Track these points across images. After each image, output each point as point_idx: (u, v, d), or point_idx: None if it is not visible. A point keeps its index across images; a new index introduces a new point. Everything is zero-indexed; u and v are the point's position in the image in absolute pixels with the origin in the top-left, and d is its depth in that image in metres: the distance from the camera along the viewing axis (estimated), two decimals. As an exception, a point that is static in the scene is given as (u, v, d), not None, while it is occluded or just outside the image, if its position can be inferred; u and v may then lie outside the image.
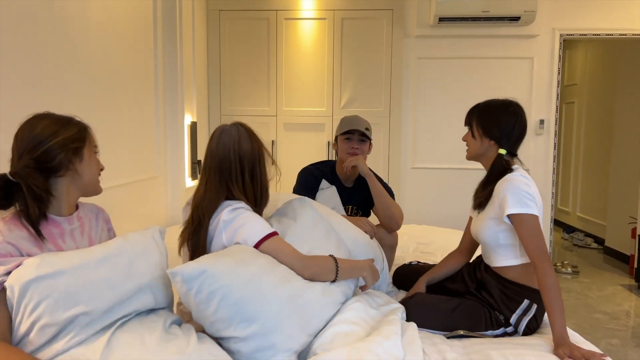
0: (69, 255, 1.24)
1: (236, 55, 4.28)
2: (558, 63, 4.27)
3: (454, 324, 1.77)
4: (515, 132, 1.83)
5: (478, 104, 1.93)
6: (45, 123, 1.32)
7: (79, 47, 2.20)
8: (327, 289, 1.56)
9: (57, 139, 1.31)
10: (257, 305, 1.34)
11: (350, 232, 2.04)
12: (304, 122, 4.29)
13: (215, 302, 1.31)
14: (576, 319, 3.41)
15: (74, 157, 1.35)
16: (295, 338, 1.40)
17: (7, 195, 1.24)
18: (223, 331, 1.34)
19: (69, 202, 1.38)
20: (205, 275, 1.31)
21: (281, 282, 1.42)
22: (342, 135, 2.41)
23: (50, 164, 1.30)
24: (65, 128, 1.35)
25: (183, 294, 1.32)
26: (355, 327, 1.50)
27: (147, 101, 3.01)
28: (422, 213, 4.41)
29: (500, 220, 1.74)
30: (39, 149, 1.28)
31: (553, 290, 1.57)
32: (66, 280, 1.19)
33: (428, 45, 4.33)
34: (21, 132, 1.32)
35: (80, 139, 1.37)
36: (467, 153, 1.96)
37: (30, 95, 1.87)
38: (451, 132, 4.36)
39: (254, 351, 1.34)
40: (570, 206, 6.27)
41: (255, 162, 1.61)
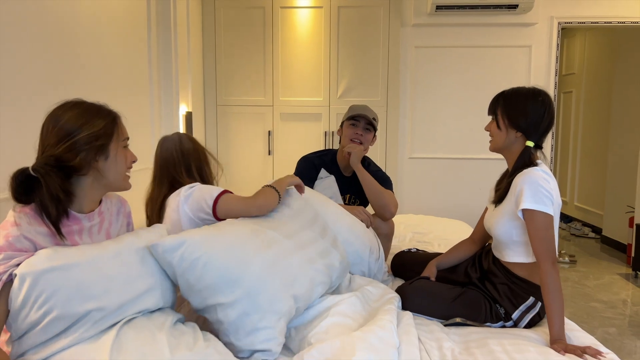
0: (82, 248, 1.23)
1: (232, 45, 4.24)
2: (556, 51, 4.24)
3: (453, 312, 1.75)
4: (544, 123, 1.73)
5: (503, 92, 1.81)
6: (71, 115, 1.26)
7: (70, 37, 2.17)
8: (310, 257, 1.61)
9: (80, 134, 1.24)
10: (239, 269, 1.38)
11: (346, 221, 2.03)
12: (300, 112, 4.26)
13: (198, 270, 1.34)
14: (573, 308, 3.41)
15: (98, 155, 1.28)
16: (280, 300, 1.41)
17: (28, 190, 1.20)
18: (209, 299, 1.35)
19: (91, 199, 1.34)
20: (185, 245, 1.34)
21: (262, 248, 1.47)
22: (348, 121, 2.40)
23: (72, 163, 1.23)
24: (91, 122, 1.27)
25: (166, 265, 1.35)
26: (349, 320, 1.50)
27: (142, 91, 2.98)
28: (420, 203, 4.40)
29: (515, 215, 1.68)
30: (61, 145, 1.23)
31: (554, 292, 1.55)
32: (80, 273, 1.17)
33: (425, 34, 4.30)
34: (47, 123, 1.26)
35: (106, 135, 1.29)
36: (490, 144, 1.85)
37: (19, 86, 1.85)
38: (448, 122, 4.34)
39: (241, 315, 1.35)
40: (568, 196, 6.26)
41: (200, 159, 1.81)
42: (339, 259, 1.77)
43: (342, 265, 1.79)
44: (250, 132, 4.29)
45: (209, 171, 1.85)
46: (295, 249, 1.58)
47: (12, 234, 1.18)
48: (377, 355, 1.26)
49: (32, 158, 1.26)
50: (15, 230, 1.19)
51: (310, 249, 1.65)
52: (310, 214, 1.83)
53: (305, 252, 1.61)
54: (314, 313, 1.54)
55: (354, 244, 2.00)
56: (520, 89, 1.78)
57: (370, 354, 1.25)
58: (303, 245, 1.63)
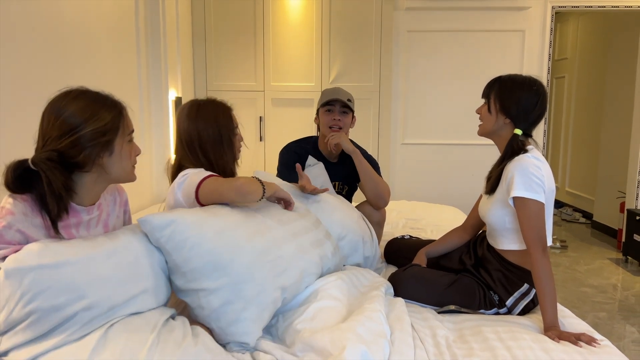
0: (74, 244, 1.16)
1: (222, 29, 4.16)
2: (550, 36, 4.21)
3: (447, 299, 1.74)
4: (535, 113, 1.71)
5: (500, 77, 1.79)
6: (75, 107, 1.18)
7: (55, 20, 2.10)
8: (303, 247, 1.56)
9: (86, 129, 1.17)
10: (228, 255, 1.34)
11: (337, 214, 2.00)
12: (292, 97, 4.21)
13: (185, 251, 1.30)
14: (564, 292, 3.43)
15: (102, 151, 1.21)
16: (266, 291, 1.38)
17: (25, 182, 1.14)
18: (193, 282, 1.32)
19: (93, 193, 1.28)
20: (174, 224, 1.30)
21: (254, 235, 1.43)
22: (323, 107, 2.32)
23: (75, 160, 1.17)
24: (97, 116, 1.19)
25: (154, 241, 1.31)
26: (337, 303, 1.48)
27: (130, 76, 2.91)
28: (412, 189, 4.39)
29: (507, 202, 1.67)
30: (64, 140, 1.15)
31: (545, 279, 1.54)
32: (71, 272, 1.11)
33: (418, 18, 4.25)
34: (49, 113, 1.18)
35: (112, 130, 1.22)
36: (479, 128, 1.83)
37: (8, 82, 1.79)
38: (441, 107, 4.31)
39: (224, 303, 1.31)
40: (560, 181, 6.29)
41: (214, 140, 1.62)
42: (332, 250, 1.75)
43: (335, 258, 1.76)
44: (242, 117, 4.17)
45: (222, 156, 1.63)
46: (288, 237, 1.54)
47: (6, 223, 1.13)
48: (367, 347, 1.23)
49: (20, 153, 1.20)
50: (7, 220, 1.13)
51: (304, 237, 1.62)
52: (303, 207, 1.81)
53: (299, 241, 1.57)
54: (301, 298, 1.52)
55: (347, 237, 1.98)
56: (517, 76, 1.76)
57: (361, 346, 1.22)
58: (296, 234, 1.59)
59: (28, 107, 1.93)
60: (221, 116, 1.64)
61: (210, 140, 1.60)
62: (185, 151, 1.62)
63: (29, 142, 1.23)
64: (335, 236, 1.96)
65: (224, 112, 1.66)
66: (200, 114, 1.62)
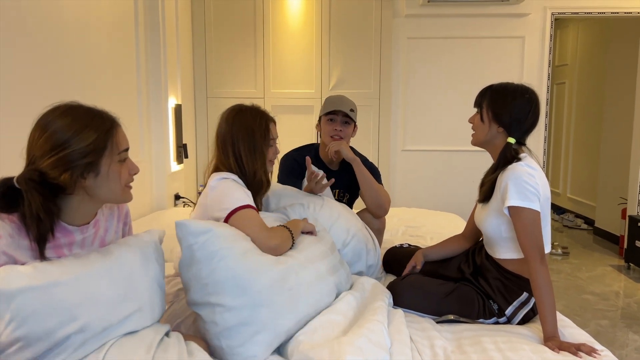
0: (65, 263, 1.11)
1: (222, 36, 4.17)
2: (549, 42, 4.22)
3: (446, 309, 1.73)
4: (528, 122, 1.70)
5: (492, 85, 1.78)
6: (61, 124, 1.11)
7: (54, 26, 2.10)
8: (321, 276, 1.55)
9: (67, 149, 1.09)
10: (251, 276, 1.34)
11: (342, 222, 2.00)
12: (292, 104, 4.21)
13: (214, 263, 1.31)
14: (566, 300, 3.41)
15: (85, 172, 1.12)
16: (282, 318, 1.37)
17: (10, 201, 1.08)
18: (213, 296, 1.32)
19: (83, 213, 1.21)
20: (211, 233, 1.33)
21: (277, 261, 1.44)
22: (325, 116, 2.31)
23: (56, 181, 1.09)
24: (81, 135, 1.11)
25: (187, 246, 1.32)
26: (341, 318, 1.47)
27: (129, 83, 2.91)
28: (412, 196, 4.38)
29: (502, 212, 1.66)
30: (46, 159, 1.09)
31: (544, 289, 1.53)
32: (61, 293, 1.05)
33: (418, 25, 4.25)
34: (35, 129, 1.12)
35: (97, 150, 1.13)
36: (472, 138, 1.82)
37: (5, 83, 1.79)
38: (442, 114, 4.31)
39: (239, 324, 1.31)
40: (561, 187, 6.27)
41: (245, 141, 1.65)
42: (345, 277, 1.73)
43: (347, 283, 1.75)
44: (241, 124, 4.22)
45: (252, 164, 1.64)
46: (306, 263, 1.53)
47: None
48: (366, 359, 1.22)
49: (12, 162, 1.19)
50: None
51: (320, 264, 1.60)
52: (322, 227, 1.82)
53: (315, 267, 1.56)
54: None
55: (351, 244, 1.98)
56: (508, 84, 1.75)
57: (359, 358, 1.21)
58: (313, 260, 1.58)
59: (22, 116, 1.93)
60: (257, 125, 1.66)
61: (242, 146, 1.63)
62: (219, 153, 1.67)
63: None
64: (339, 242, 1.96)
65: (260, 122, 1.68)
66: (237, 119, 1.66)
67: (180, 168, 3.60)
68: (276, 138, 1.74)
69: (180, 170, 3.60)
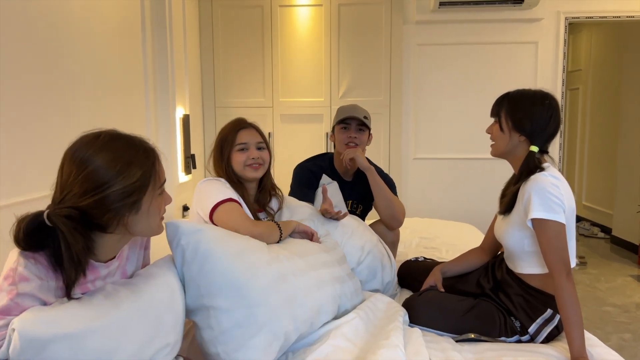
0: (95, 304, 1.04)
1: (230, 45, 4.13)
2: (563, 47, 4.13)
3: (466, 326, 1.64)
4: (550, 129, 1.63)
5: (508, 93, 1.71)
6: (102, 160, 1.02)
7: (61, 39, 2.07)
8: (323, 283, 1.50)
9: (111, 189, 1.01)
10: (246, 275, 1.29)
11: (357, 236, 1.94)
12: (301, 113, 4.15)
13: (205, 263, 1.27)
14: (585, 312, 3.29)
15: (128, 211, 1.06)
16: (280, 319, 1.31)
17: (38, 238, 0.99)
18: (206, 297, 1.26)
19: (113, 249, 1.15)
20: (201, 233, 1.30)
21: (272, 261, 1.39)
22: (339, 125, 2.26)
23: (97, 221, 1.03)
24: (126, 172, 1.03)
25: (177, 247, 1.29)
26: (350, 345, 1.39)
27: (137, 94, 2.87)
28: (426, 206, 4.29)
29: (525, 224, 1.58)
30: (87, 198, 1.00)
31: (570, 306, 1.44)
32: (94, 340, 0.99)
33: (429, 31, 4.19)
34: (71, 161, 1.03)
35: (141, 188, 1.06)
36: (492, 149, 1.75)
37: (11, 89, 1.75)
38: (454, 121, 4.23)
39: (234, 326, 1.25)
40: (576, 195, 6.14)
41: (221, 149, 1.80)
42: (353, 291, 1.67)
43: (355, 299, 1.67)
44: (250, 134, 4.18)
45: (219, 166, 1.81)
46: (307, 269, 1.48)
47: (21, 291, 0.97)
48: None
49: (20, 165, 1.12)
50: (23, 288, 0.98)
51: (323, 271, 1.54)
52: (333, 241, 1.77)
53: (318, 274, 1.50)
54: (315, 337, 1.43)
55: (365, 261, 1.91)
56: (526, 91, 1.68)
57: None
58: (316, 266, 1.52)
59: (28, 123, 1.89)
60: (225, 133, 1.82)
61: (214, 153, 1.84)
62: None
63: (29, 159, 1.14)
64: (354, 260, 1.89)
65: (230, 130, 1.81)
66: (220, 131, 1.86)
67: (189, 179, 3.55)
68: (248, 143, 1.77)
69: (188, 181, 3.55)
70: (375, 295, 1.74)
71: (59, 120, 2.06)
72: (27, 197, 1.80)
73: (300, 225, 1.69)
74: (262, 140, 1.80)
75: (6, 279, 0.98)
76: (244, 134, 1.77)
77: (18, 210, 1.05)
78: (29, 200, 1.79)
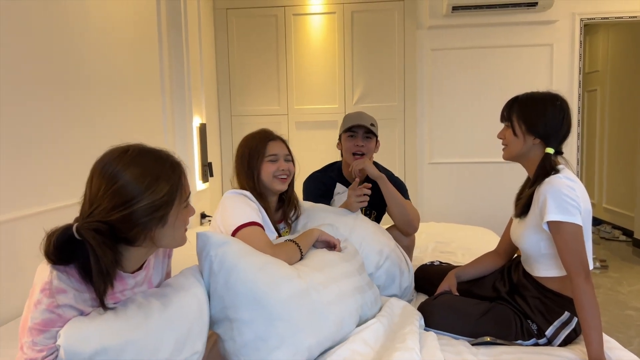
0: (130, 315, 1.08)
1: (245, 54, 4.19)
2: (579, 49, 4.09)
3: (481, 330, 1.63)
4: (563, 130, 1.63)
5: (517, 97, 1.71)
6: (131, 175, 1.05)
7: (80, 50, 2.13)
8: (344, 295, 1.49)
9: (139, 204, 1.04)
10: (267, 288, 1.30)
11: (374, 244, 1.94)
12: (315, 119, 4.19)
13: (230, 274, 1.29)
14: (607, 316, 3.24)
15: (154, 225, 1.08)
16: (302, 333, 1.31)
17: (70, 251, 1.02)
18: (230, 309, 1.28)
19: (139, 261, 1.18)
20: (227, 245, 1.32)
21: (295, 276, 1.39)
22: (345, 133, 2.25)
23: (125, 235, 1.06)
24: (154, 187, 1.06)
25: (206, 258, 1.31)
26: (366, 349, 1.39)
27: (154, 104, 2.93)
28: (441, 210, 4.27)
29: (541, 227, 1.57)
30: (115, 213, 1.03)
31: (589, 308, 1.43)
32: (132, 351, 1.04)
33: (442, 36, 4.19)
34: (100, 175, 1.06)
35: (168, 203, 1.09)
36: (504, 153, 1.75)
37: (32, 100, 1.81)
38: (469, 125, 4.22)
39: (256, 338, 1.26)
40: (596, 197, 6.05)
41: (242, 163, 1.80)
42: (373, 300, 1.67)
43: (375, 307, 1.68)
44: (266, 141, 4.22)
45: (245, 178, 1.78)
46: (329, 282, 1.48)
47: (60, 302, 1.00)
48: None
49: (40, 175, 1.18)
50: (63, 299, 1.01)
51: (345, 282, 1.54)
52: (353, 248, 1.77)
53: (340, 286, 1.50)
54: None
55: (384, 266, 1.91)
56: (535, 94, 1.68)
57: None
58: (337, 279, 1.53)
59: (46, 131, 1.94)
60: (253, 145, 1.81)
61: (240, 164, 1.80)
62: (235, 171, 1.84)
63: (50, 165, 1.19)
64: (372, 265, 1.89)
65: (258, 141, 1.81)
66: (241, 141, 1.85)
67: (206, 187, 3.60)
68: (277, 154, 1.79)
69: (205, 189, 3.60)
70: (391, 300, 1.74)
71: (78, 130, 2.12)
72: (49, 207, 1.85)
73: (322, 235, 1.67)
74: (289, 152, 1.83)
75: (43, 292, 1.00)
76: (273, 145, 1.79)
77: (39, 220, 1.09)
78: (50, 210, 1.84)
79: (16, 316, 1.69)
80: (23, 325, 1.04)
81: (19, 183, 1.74)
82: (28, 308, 1.03)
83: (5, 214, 1.67)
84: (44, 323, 1.00)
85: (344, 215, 1.99)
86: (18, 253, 1.73)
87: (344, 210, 2.02)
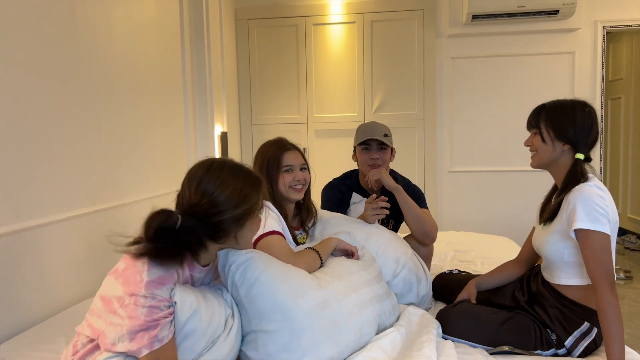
0: (199, 297, 1.25)
1: (266, 64, 4.25)
2: (602, 57, 4.05)
3: (500, 338, 1.63)
4: (592, 136, 1.63)
5: (544, 104, 1.71)
6: (228, 191, 1.23)
7: (104, 59, 2.20)
8: (363, 304, 1.51)
9: (236, 211, 1.23)
10: (290, 300, 1.33)
11: (391, 252, 1.95)
12: (335, 128, 4.22)
13: (253, 288, 1.32)
14: (631, 328, 3.18)
15: (238, 228, 1.27)
16: (323, 345, 1.34)
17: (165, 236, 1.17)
18: (254, 321, 1.32)
19: (212, 257, 1.35)
20: (251, 260, 1.35)
21: (317, 286, 1.41)
22: (359, 146, 2.26)
23: (215, 234, 1.24)
24: (243, 204, 1.25)
25: (226, 272, 1.36)
26: (385, 357, 1.40)
27: (176, 113, 3.00)
28: (461, 219, 4.25)
29: (567, 235, 1.57)
30: (214, 217, 1.21)
31: (613, 319, 1.43)
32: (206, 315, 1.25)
33: (462, 45, 4.19)
34: (199, 188, 1.23)
35: (249, 213, 1.28)
36: (533, 160, 1.74)
37: (54, 107, 1.87)
38: (489, 134, 4.19)
39: (280, 350, 1.29)
40: (620, 207, 5.93)
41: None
42: (390, 309, 1.68)
43: (393, 316, 1.69)
44: (286, 149, 4.26)
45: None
46: (348, 291, 1.50)
47: (165, 282, 1.17)
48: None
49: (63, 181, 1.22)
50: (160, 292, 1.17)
51: (364, 291, 1.56)
52: (370, 255, 1.78)
53: (358, 295, 1.52)
54: None
55: (401, 274, 1.91)
56: (563, 101, 1.69)
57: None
58: (356, 287, 1.55)
59: (70, 134, 2.00)
60: (270, 155, 1.85)
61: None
62: None
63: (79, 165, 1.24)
64: (389, 273, 1.90)
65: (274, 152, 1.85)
66: (258, 151, 1.89)
67: (227, 194, 3.65)
68: (293, 165, 1.83)
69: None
70: (408, 308, 1.75)
71: (103, 136, 2.18)
72: (72, 214, 1.90)
73: (341, 243, 1.70)
74: (304, 162, 1.87)
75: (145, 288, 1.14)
76: (289, 156, 1.83)
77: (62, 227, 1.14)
78: (72, 217, 1.89)
79: (39, 321, 1.73)
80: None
81: (44, 189, 1.80)
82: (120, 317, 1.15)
83: (29, 221, 1.71)
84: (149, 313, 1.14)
85: (360, 223, 2.01)
86: (42, 259, 1.77)
87: (360, 220, 2.04)
